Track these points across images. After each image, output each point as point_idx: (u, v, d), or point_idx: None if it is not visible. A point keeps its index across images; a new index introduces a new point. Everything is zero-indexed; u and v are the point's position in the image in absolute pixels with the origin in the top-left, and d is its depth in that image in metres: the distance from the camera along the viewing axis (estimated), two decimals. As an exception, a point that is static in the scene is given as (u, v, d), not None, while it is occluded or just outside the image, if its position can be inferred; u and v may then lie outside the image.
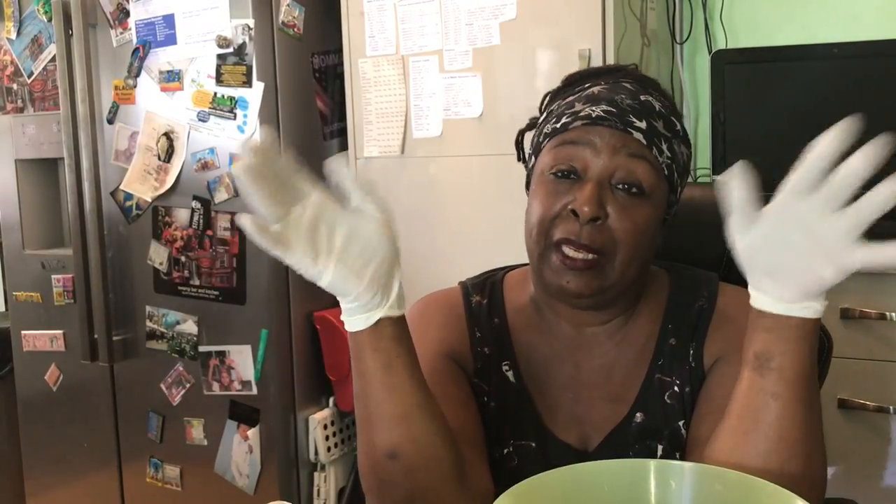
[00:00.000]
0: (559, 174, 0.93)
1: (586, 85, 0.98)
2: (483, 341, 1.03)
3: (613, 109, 0.93)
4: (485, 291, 1.06)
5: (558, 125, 0.95)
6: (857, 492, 1.82)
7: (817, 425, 0.82)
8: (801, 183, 0.72)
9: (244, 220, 0.77)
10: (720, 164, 2.18)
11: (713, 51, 2.38)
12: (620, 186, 0.91)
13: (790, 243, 0.75)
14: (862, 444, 1.89)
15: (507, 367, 1.02)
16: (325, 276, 0.81)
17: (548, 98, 1.04)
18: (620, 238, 0.91)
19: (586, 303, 0.95)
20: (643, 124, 0.93)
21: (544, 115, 1.02)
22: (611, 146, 0.92)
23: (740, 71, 2.23)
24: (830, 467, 1.90)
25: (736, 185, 0.74)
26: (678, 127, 0.97)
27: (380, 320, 0.83)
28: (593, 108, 0.93)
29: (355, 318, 0.84)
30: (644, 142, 0.92)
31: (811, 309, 0.78)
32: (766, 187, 0.78)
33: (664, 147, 0.94)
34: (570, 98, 0.98)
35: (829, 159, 0.70)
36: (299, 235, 0.79)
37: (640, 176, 0.91)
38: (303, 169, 0.81)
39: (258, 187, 0.77)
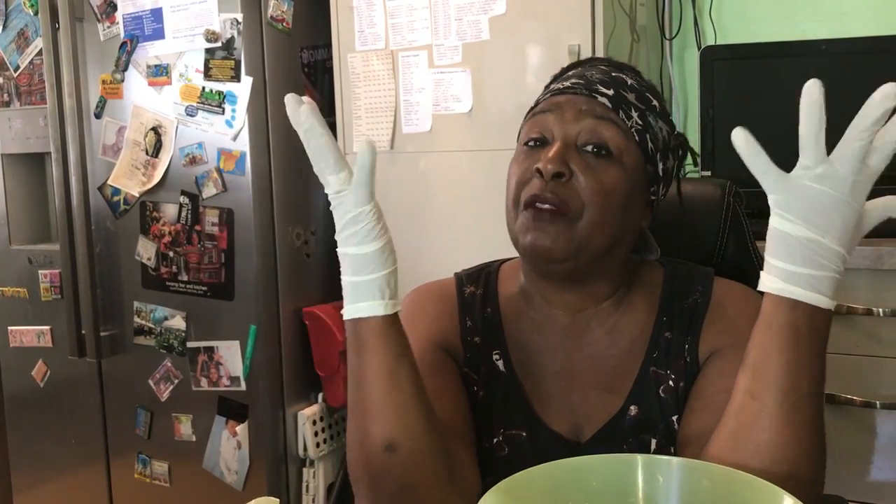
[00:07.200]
0: (530, 143, 0.97)
1: (567, 73, 1.03)
2: (474, 331, 1.03)
3: (581, 81, 0.97)
4: (479, 282, 1.07)
5: (535, 106, 1.00)
6: (844, 487, 1.83)
7: (805, 430, 0.77)
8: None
9: (288, 97, 0.81)
10: (709, 160, 2.19)
11: (702, 47, 2.39)
12: (587, 148, 0.93)
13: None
14: (849, 439, 1.90)
15: (497, 357, 1.02)
16: (343, 174, 0.82)
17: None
18: (587, 197, 0.91)
19: (560, 268, 0.94)
20: (610, 91, 0.95)
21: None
22: (576, 109, 0.94)
23: (729, 67, 2.23)
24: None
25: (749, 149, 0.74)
26: (654, 103, 0.99)
27: (397, 312, 0.85)
28: (564, 83, 0.99)
29: (369, 304, 0.84)
30: (610, 105, 0.94)
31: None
32: (751, 183, 0.78)
33: (633, 114, 0.95)
34: (552, 86, 1.02)
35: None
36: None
37: (606, 136, 0.93)
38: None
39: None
